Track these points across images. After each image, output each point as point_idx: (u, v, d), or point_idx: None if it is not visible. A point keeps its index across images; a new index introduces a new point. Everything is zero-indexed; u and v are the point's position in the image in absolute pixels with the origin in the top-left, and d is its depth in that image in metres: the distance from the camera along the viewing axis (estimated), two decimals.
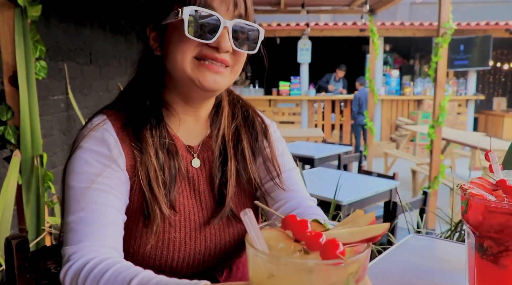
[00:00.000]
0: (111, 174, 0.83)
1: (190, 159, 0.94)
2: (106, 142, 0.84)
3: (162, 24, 0.86)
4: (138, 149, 0.86)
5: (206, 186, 0.94)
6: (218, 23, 0.81)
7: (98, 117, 0.89)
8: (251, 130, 1.01)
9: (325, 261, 0.44)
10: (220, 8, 0.83)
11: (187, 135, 0.95)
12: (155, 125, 0.89)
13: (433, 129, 4.43)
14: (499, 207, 0.66)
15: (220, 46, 0.82)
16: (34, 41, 2.10)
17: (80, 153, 0.84)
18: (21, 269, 0.92)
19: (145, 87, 0.92)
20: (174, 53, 0.84)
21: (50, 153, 2.91)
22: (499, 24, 8.70)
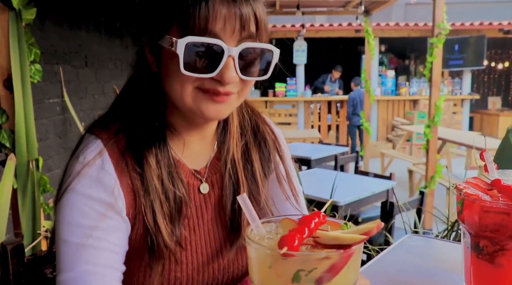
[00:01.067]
0: (109, 225, 0.74)
1: (198, 185, 0.85)
2: (103, 184, 0.74)
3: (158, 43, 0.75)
4: (140, 180, 0.76)
5: (216, 213, 0.86)
6: (220, 52, 0.70)
7: (92, 145, 0.77)
8: (263, 147, 0.92)
9: (277, 250, 0.47)
10: (224, 32, 0.70)
11: (192, 158, 0.86)
12: (160, 150, 0.79)
13: (429, 129, 4.45)
14: (494, 206, 0.66)
15: (224, 79, 0.71)
16: (28, 44, 2.09)
17: (74, 199, 0.73)
18: (17, 274, 0.91)
19: (146, 106, 0.81)
20: (172, 83, 0.74)
21: (46, 157, 2.89)
22: (492, 24, 8.75)
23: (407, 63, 11.16)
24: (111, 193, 0.74)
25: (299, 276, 0.47)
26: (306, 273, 0.47)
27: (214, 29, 0.69)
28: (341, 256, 0.47)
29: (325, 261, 0.47)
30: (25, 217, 2.08)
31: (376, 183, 3.09)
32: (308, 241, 0.50)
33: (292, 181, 0.93)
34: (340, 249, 0.47)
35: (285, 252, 0.46)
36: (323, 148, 4.92)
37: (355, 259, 0.50)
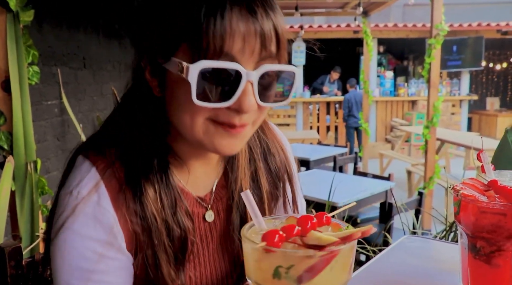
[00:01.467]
0: (111, 265, 0.69)
1: (203, 213, 0.78)
2: (101, 222, 0.68)
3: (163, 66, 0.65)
4: (141, 219, 0.69)
5: (220, 242, 0.80)
6: (238, 77, 0.61)
7: (87, 175, 0.69)
8: (273, 171, 0.85)
9: (259, 243, 0.48)
10: (242, 54, 0.61)
11: (196, 184, 0.79)
12: (163, 183, 0.71)
13: (428, 130, 4.46)
14: (490, 207, 0.66)
15: (242, 108, 0.62)
16: (26, 46, 2.09)
17: (71, 240, 0.67)
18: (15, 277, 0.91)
19: (146, 132, 0.72)
20: (180, 113, 0.66)
21: (44, 159, 2.89)
22: (490, 25, 8.78)
23: (405, 64, 11.18)
24: (110, 231, 0.68)
25: (279, 272, 0.48)
26: (285, 270, 0.48)
27: (231, 51, 0.60)
28: (321, 256, 0.48)
29: (305, 260, 0.48)
30: (23, 220, 2.08)
31: (374, 184, 3.10)
32: (295, 239, 0.50)
33: (297, 203, 0.89)
34: (318, 249, 0.48)
35: (265, 246, 0.48)
36: (322, 149, 4.93)
37: (339, 261, 0.50)
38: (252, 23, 0.61)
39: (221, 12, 0.59)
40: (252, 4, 0.62)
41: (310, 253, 0.48)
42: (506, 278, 0.69)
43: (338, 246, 0.48)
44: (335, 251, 0.48)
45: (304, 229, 0.51)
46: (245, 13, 0.61)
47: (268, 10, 0.63)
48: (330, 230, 0.55)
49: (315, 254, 0.48)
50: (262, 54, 0.63)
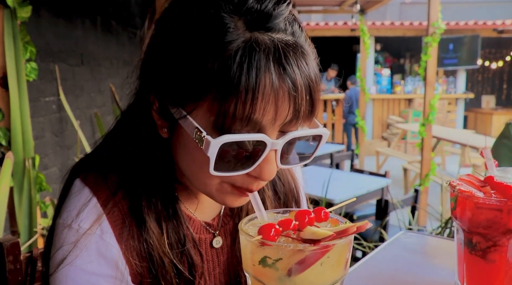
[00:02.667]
0: None
1: (210, 239, 0.74)
2: (105, 257, 0.64)
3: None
4: (145, 251, 0.65)
5: (226, 266, 0.77)
6: (263, 147, 0.55)
7: (87, 207, 0.64)
8: (280, 201, 0.81)
9: (255, 237, 0.49)
10: (273, 125, 0.54)
11: (203, 210, 0.75)
12: (169, 217, 0.67)
13: (424, 127, 4.48)
14: (487, 203, 0.67)
15: (262, 176, 0.57)
16: (24, 42, 2.09)
17: (74, 276, 0.63)
18: (13, 272, 0.91)
19: (151, 166, 0.66)
20: (192, 172, 0.61)
21: (42, 155, 2.89)
22: (487, 24, 8.81)
23: (402, 62, 11.20)
24: (115, 266, 0.64)
25: (269, 264, 0.49)
26: (274, 262, 0.49)
27: (260, 120, 0.53)
28: (312, 250, 0.48)
29: (296, 254, 0.48)
30: (22, 215, 2.08)
31: (371, 181, 3.11)
32: (288, 233, 0.51)
33: None
34: (313, 243, 0.49)
35: (260, 240, 0.48)
36: None
37: (332, 256, 0.50)
38: (286, 85, 0.52)
39: (255, 71, 0.51)
40: (286, 59, 0.53)
41: (300, 247, 0.48)
42: (501, 273, 0.70)
43: (332, 241, 0.49)
44: (328, 246, 0.49)
45: (302, 223, 0.51)
46: (279, 72, 0.52)
47: (300, 60, 0.55)
48: (329, 226, 0.56)
49: (305, 248, 0.48)
50: (293, 118, 0.55)
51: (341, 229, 0.50)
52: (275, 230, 0.49)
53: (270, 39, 0.54)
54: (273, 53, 0.53)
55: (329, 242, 0.49)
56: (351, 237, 0.52)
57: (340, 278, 0.53)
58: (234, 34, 0.53)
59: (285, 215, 0.58)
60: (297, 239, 0.50)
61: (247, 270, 0.54)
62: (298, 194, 0.85)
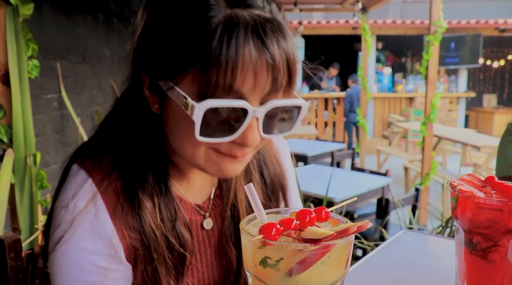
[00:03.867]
0: (112, 277, 0.68)
1: (201, 221, 0.78)
2: (99, 235, 0.66)
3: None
4: (140, 233, 0.68)
5: (217, 249, 0.80)
6: (245, 114, 0.59)
7: (83, 187, 0.68)
8: (267, 188, 0.85)
9: (256, 236, 0.50)
10: (252, 92, 0.59)
11: (194, 192, 0.78)
12: (161, 195, 0.70)
13: (425, 126, 4.47)
14: (487, 203, 0.67)
15: (245, 142, 0.61)
16: (26, 39, 2.09)
17: (70, 253, 0.66)
18: (14, 268, 0.91)
19: (143, 145, 0.70)
20: (181, 142, 0.64)
21: (44, 152, 2.89)
22: (488, 23, 8.79)
23: (403, 61, 11.18)
24: (109, 243, 0.67)
25: (270, 264, 0.49)
26: (275, 262, 0.49)
27: (241, 88, 0.57)
28: (312, 250, 0.49)
29: (297, 253, 0.49)
30: (23, 212, 2.08)
31: (372, 180, 3.11)
32: (289, 233, 0.51)
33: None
34: (314, 243, 0.49)
35: (261, 239, 0.49)
36: (320, 144, 4.94)
37: (332, 256, 0.50)
38: (264, 56, 0.57)
39: (235, 43, 0.56)
40: (265, 34, 0.58)
41: (301, 247, 0.48)
42: (501, 273, 0.70)
43: (333, 241, 0.49)
44: (328, 246, 0.49)
45: (303, 223, 0.51)
46: (258, 44, 0.57)
47: (280, 38, 0.59)
48: (330, 226, 0.56)
49: (306, 248, 0.48)
50: (273, 88, 0.60)
51: (342, 228, 0.50)
52: (276, 229, 0.49)
53: (250, 14, 0.58)
54: (251, 27, 0.57)
55: (329, 241, 0.49)
56: (352, 236, 0.52)
57: (341, 277, 0.54)
58: (215, 10, 0.57)
59: (286, 215, 0.58)
60: (298, 239, 0.50)
61: (248, 270, 0.54)
62: (285, 180, 0.88)
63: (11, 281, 0.90)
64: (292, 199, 0.92)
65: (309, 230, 0.51)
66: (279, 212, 0.60)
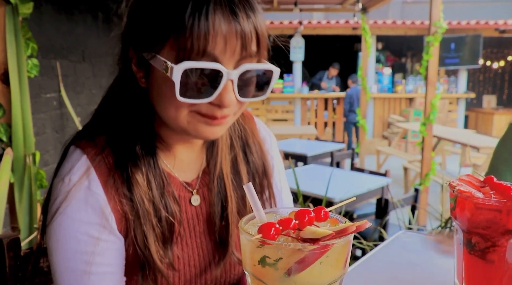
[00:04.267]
0: (104, 247, 0.72)
1: (189, 197, 0.83)
2: (92, 205, 0.71)
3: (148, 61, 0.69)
4: (129, 200, 0.73)
5: (206, 226, 0.84)
6: (220, 76, 0.65)
7: (78, 162, 0.73)
8: (251, 168, 0.89)
9: (255, 235, 0.50)
10: (223, 54, 0.65)
11: (183, 169, 0.83)
12: (150, 167, 0.75)
13: (425, 127, 4.47)
14: (486, 203, 0.67)
15: (223, 103, 0.67)
16: (25, 38, 2.09)
17: (65, 224, 0.71)
18: (13, 268, 0.91)
19: (133, 119, 0.77)
20: (165, 106, 0.70)
21: (43, 151, 2.89)
22: (489, 23, 8.79)
23: (403, 61, 11.18)
24: (101, 213, 0.72)
25: (268, 263, 0.49)
26: (274, 262, 0.49)
27: (213, 51, 0.64)
28: (311, 250, 0.49)
29: (296, 253, 0.49)
30: (22, 211, 2.08)
31: (371, 180, 3.11)
32: (288, 232, 0.51)
33: (274, 198, 0.92)
34: (312, 242, 0.49)
35: (260, 239, 0.49)
36: (319, 144, 4.94)
37: (331, 256, 0.50)
38: (233, 25, 0.64)
39: (205, 14, 0.63)
40: (234, 6, 0.65)
41: (299, 246, 0.48)
42: (500, 273, 0.70)
43: (332, 240, 0.49)
44: (327, 246, 0.49)
45: (301, 222, 0.51)
46: (227, 15, 0.64)
47: (249, 11, 0.66)
48: (329, 225, 0.56)
49: (305, 247, 0.48)
50: (243, 54, 0.67)
51: (341, 228, 0.50)
52: (275, 229, 0.49)
53: None
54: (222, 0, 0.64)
55: (328, 241, 0.49)
56: (351, 236, 0.52)
57: (340, 277, 0.54)
58: None
59: (284, 214, 0.58)
60: (296, 238, 0.50)
61: (247, 269, 0.54)
62: (268, 165, 0.92)
63: (10, 280, 0.90)
64: (278, 185, 0.95)
65: (308, 230, 0.51)
66: (277, 213, 0.60)
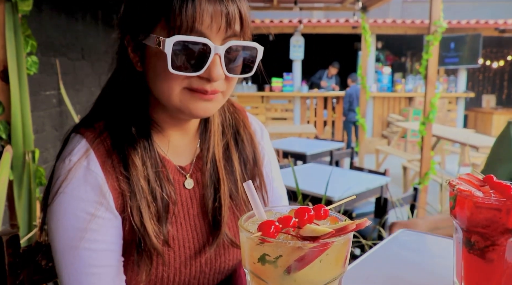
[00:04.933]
0: (102, 225, 0.75)
1: (183, 181, 0.86)
2: (91, 184, 0.75)
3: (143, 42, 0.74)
4: (126, 179, 0.77)
5: (200, 209, 0.87)
6: (207, 50, 0.71)
7: (78, 145, 0.78)
8: (242, 155, 0.94)
9: (255, 233, 0.50)
10: (210, 31, 0.71)
11: (177, 153, 0.88)
12: (145, 149, 0.80)
13: (424, 126, 4.47)
14: (486, 202, 0.67)
15: (212, 76, 0.72)
16: (25, 36, 2.08)
17: (64, 202, 0.75)
18: (12, 265, 0.91)
19: (129, 104, 0.82)
20: (159, 83, 0.74)
21: (42, 149, 2.89)
22: (488, 23, 8.79)
23: (403, 60, 11.18)
24: (100, 191, 0.75)
25: (268, 261, 0.50)
26: (274, 259, 0.49)
27: (200, 28, 0.70)
28: (311, 248, 0.49)
29: (295, 251, 0.49)
30: (21, 209, 2.08)
31: (370, 179, 3.11)
32: (288, 230, 0.51)
33: (266, 188, 0.95)
34: (312, 240, 0.49)
35: (260, 237, 0.49)
36: (319, 143, 4.94)
37: (330, 254, 0.50)
38: (218, 5, 0.70)
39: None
40: None
41: (299, 244, 0.48)
42: (499, 272, 0.70)
43: (332, 238, 0.49)
44: (327, 244, 0.49)
45: (301, 220, 0.52)
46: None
47: None
48: (329, 224, 0.56)
49: (304, 245, 0.48)
50: (228, 32, 0.73)
51: (341, 226, 0.50)
52: (274, 227, 0.49)
53: None
54: None
55: (328, 239, 0.49)
56: (350, 234, 0.52)
57: (339, 275, 0.54)
58: None
59: (284, 212, 0.58)
60: (296, 236, 0.50)
61: (247, 267, 0.54)
62: (258, 155, 0.96)
63: (9, 277, 0.90)
64: (269, 175, 0.98)
65: (308, 228, 0.51)
66: (277, 210, 0.60)
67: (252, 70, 0.79)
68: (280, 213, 0.59)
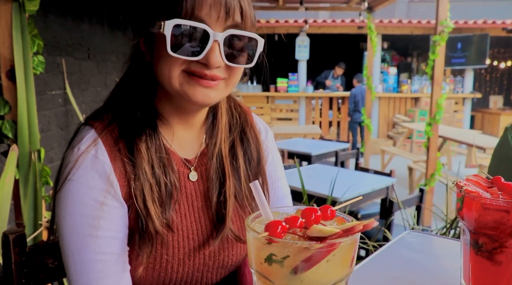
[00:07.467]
0: (108, 212, 0.77)
1: (187, 173, 0.88)
2: (98, 172, 0.77)
3: (151, 32, 0.78)
4: (131, 165, 0.79)
5: (204, 203, 0.89)
6: (206, 36, 0.73)
7: (87, 134, 0.80)
8: (247, 153, 0.95)
9: (262, 233, 0.51)
10: (209, 18, 0.73)
11: (182, 146, 0.90)
12: (151, 137, 0.82)
13: (430, 127, 4.45)
14: (494, 204, 0.66)
15: (209, 62, 0.74)
16: (31, 35, 2.09)
17: (72, 189, 0.76)
18: (18, 263, 0.92)
19: (137, 96, 0.85)
20: (161, 67, 0.77)
21: (48, 148, 2.90)
22: (496, 23, 8.72)
23: (409, 61, 11.13)
24: (107, 179, 0.77)
25: (275, 261, 0.49)
26: (281, 260, 0.49)
27: (200, 15, 0.73)
28: (318, 248, 0.48)
29: (302, 251, 0.49)
30: (27, 208, 2.09)
31: (376, 180, 3.10)
32: (295, 231, 0.51)
33: (267, 186, 0.96)
34: (319, 241, 0.49)
35: (267, 237, 0.49)
36: (324, 144, 4.93)
37: (337, 255, 0.50)
38: None
39: None
40: None
41: (306, 245, 0.48)
42: (507, 274, 0.69)
43: (339, 239, 0.48)
44: (334, 244, 0.49)
45: (308, 221, 0.51)
46: None
47: None
48: (335, 224, 0.56)
49: (312, 246, 0.48)
50: (228, 22, 0.75)
51: (348, 227, 0.50)
52: (281, 227, 0.49)
53: None
54: None
55: (335, 240, 0.48)
56: (357, 235, 0.52)
57: (346, 276, 0.53)
58: None
59: (291, 212, 0.58)
60: (303, 237, 0.50)
61: (253, 267, 0.53)
62: (262, 154, 0.97)
63: (16, 276, 0.91)
64: (272, 175, 0.99)
65: (315, 228, 0.50)
66: (283, 210, 0.59)
67: (253, 61, 0.80)
68: (286, 214, 0.58)
